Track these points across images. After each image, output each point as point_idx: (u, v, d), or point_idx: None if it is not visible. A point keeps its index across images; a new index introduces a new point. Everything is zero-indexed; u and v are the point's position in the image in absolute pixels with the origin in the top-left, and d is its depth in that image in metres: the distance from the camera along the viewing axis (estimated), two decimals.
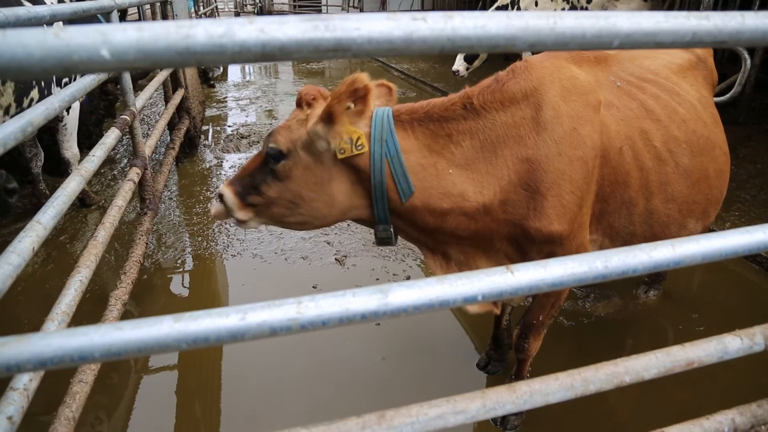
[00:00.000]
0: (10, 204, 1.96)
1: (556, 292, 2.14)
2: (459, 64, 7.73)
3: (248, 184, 1.88)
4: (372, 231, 1.99)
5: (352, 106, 1.68)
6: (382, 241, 1.96)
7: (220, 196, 1.92)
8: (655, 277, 3.52)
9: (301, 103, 1.89)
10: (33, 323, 3.23)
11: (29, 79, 3.80)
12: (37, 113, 1.82)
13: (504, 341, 2.85)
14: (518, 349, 2.35)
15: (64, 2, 4.40)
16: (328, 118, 1.72)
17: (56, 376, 2.03)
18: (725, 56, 7.95)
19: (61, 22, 3.74)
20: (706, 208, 2.32)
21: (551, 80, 1.90)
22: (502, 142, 1.84)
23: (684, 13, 0.73)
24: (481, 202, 1.85)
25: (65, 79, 4.25)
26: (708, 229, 2.49)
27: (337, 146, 1.75)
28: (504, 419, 2.51)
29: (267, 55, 0.60)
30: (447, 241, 1.98)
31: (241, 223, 1.94)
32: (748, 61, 3.98)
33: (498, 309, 2.14)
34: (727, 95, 4.14)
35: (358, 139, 1.75)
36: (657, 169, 2.11)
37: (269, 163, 1.83)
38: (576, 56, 2.15)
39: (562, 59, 2.06)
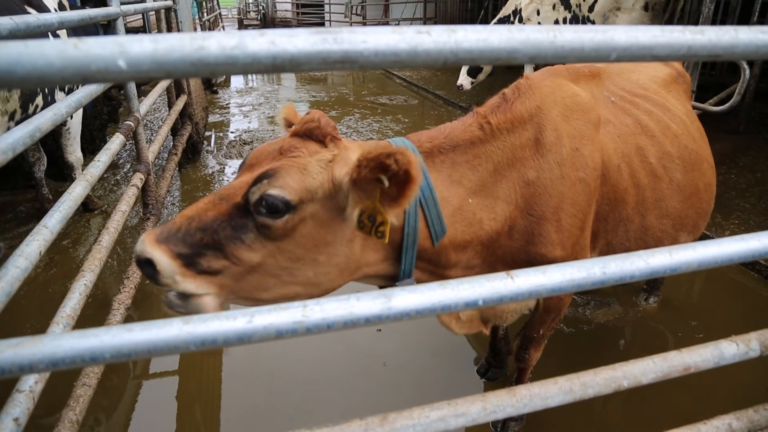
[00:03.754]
0: None
1: (556, 307, 2.13)
2: (463, 79, 7.82)
3: (201, 241, 1.30)
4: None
5: (386, 182, 1.28)
6: None
7: (145, 263, 1.26)
8: (653, 284, 3.55)
9: (321, 136, 1.43)
10: (35, 327, 3.25)
11: (45, 87, 3.84)
12: (44, 119, 1.85)
13: (501, 349, 2.86)
14: (518, 359, 2.35)
15: (65, 9, 4.45)
16: (354, 182, 1.35)
17: (59, 380, 2.05)
18: (725, 66, 7.99)
19: (65, 31, 3.78)
20: (696, 221, 2.34)
21: (553, 100, 1.86)
22: (511, 165, 1.75)
23: (680, 28, 0.76)
24: (495, 229, 1.75)
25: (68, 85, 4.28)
26: (699, 239, 2.52)
27: (356, 218, 1.37)
28: (504, 425, 2.52)
29: (277, 66, 0.63)
30: (456, 276, 1.80)
31: (184, 300, 1.31)
32: (747, 71, 4.01)
33: (487, 330, 2.03)
34: (727, 105, 4.17)
35: (381, 224, 1.36)
36: (652, 186, 2.10)
37: (259, 215, 1.32)
38: (573, 72, 2.13)
39: (561, 77, 2.03)
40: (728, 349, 1.11)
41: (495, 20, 7.94)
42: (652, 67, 2.53)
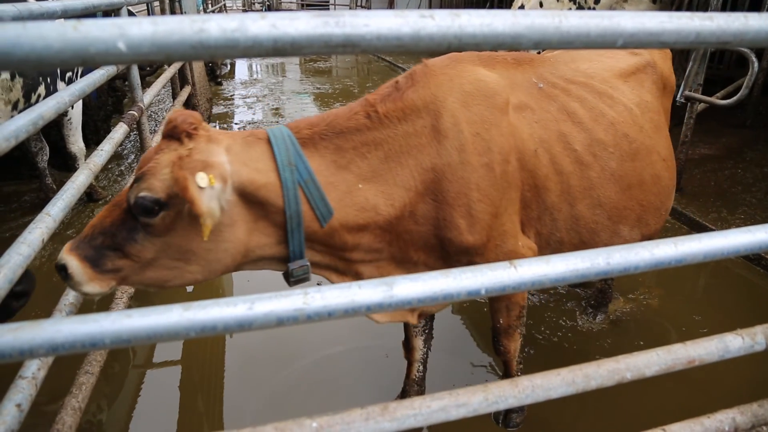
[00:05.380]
0: (12, 309, 1.80)
1: (505, 296, 2.08)
2: None
3: (104, 244, 1.49)
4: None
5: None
6: (298, 279, 1.72)
7: (62, 268, 1.47)
8: (601, 300, 3.36)
9: (177, 133, 1.52)
10: (40, 316, 3.26)
11: (46, 71, 3.85)
12: (47, 107, 1.84)
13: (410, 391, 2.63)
14: (496, 351, 2.36)
15: None
16: None
17: (61, 367, 2.06)
18: (733, 59, 7.92)
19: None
20: (641, 215, 2.25)
21: (450, 86, 1.84)
22: (406, 152, 1.76)
23: (688, 14, 0.74)
24: (393, 215, 1.77)
25: (68, 74, 4.29)
26: (650, 239, 2.38)
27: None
28: (506, 417, 2.52)
29: (278, 49, 0.62)
30: (362, 259, 1.85)
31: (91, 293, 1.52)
32: (756, 64, 3.97)
33: (414, 318, 2.01)
34: (734, 98, 4.14)
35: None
36: (579, 174, 2.04)
37: (140, 217, 1.47)
38: (487, 58, 2.06)
39: (467, 62, 1.97)
40: (733, 343, 1.11)
41: None
42: (612, 58, 2.42)
